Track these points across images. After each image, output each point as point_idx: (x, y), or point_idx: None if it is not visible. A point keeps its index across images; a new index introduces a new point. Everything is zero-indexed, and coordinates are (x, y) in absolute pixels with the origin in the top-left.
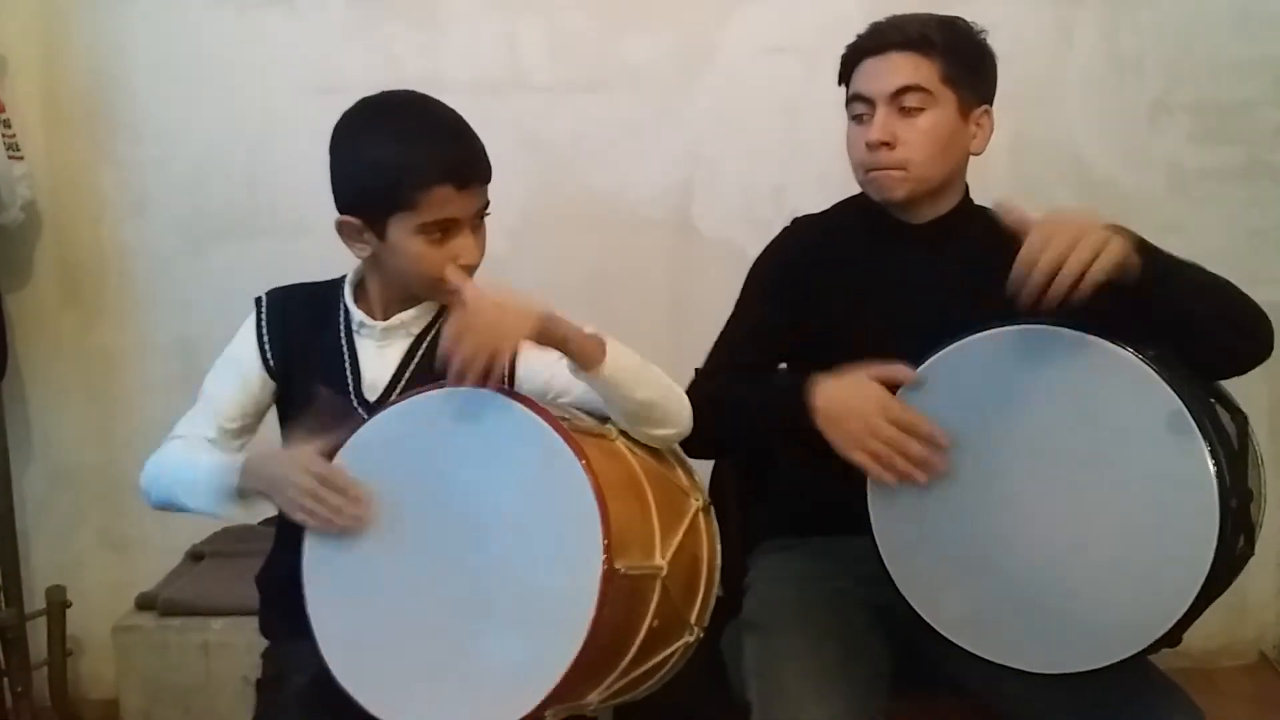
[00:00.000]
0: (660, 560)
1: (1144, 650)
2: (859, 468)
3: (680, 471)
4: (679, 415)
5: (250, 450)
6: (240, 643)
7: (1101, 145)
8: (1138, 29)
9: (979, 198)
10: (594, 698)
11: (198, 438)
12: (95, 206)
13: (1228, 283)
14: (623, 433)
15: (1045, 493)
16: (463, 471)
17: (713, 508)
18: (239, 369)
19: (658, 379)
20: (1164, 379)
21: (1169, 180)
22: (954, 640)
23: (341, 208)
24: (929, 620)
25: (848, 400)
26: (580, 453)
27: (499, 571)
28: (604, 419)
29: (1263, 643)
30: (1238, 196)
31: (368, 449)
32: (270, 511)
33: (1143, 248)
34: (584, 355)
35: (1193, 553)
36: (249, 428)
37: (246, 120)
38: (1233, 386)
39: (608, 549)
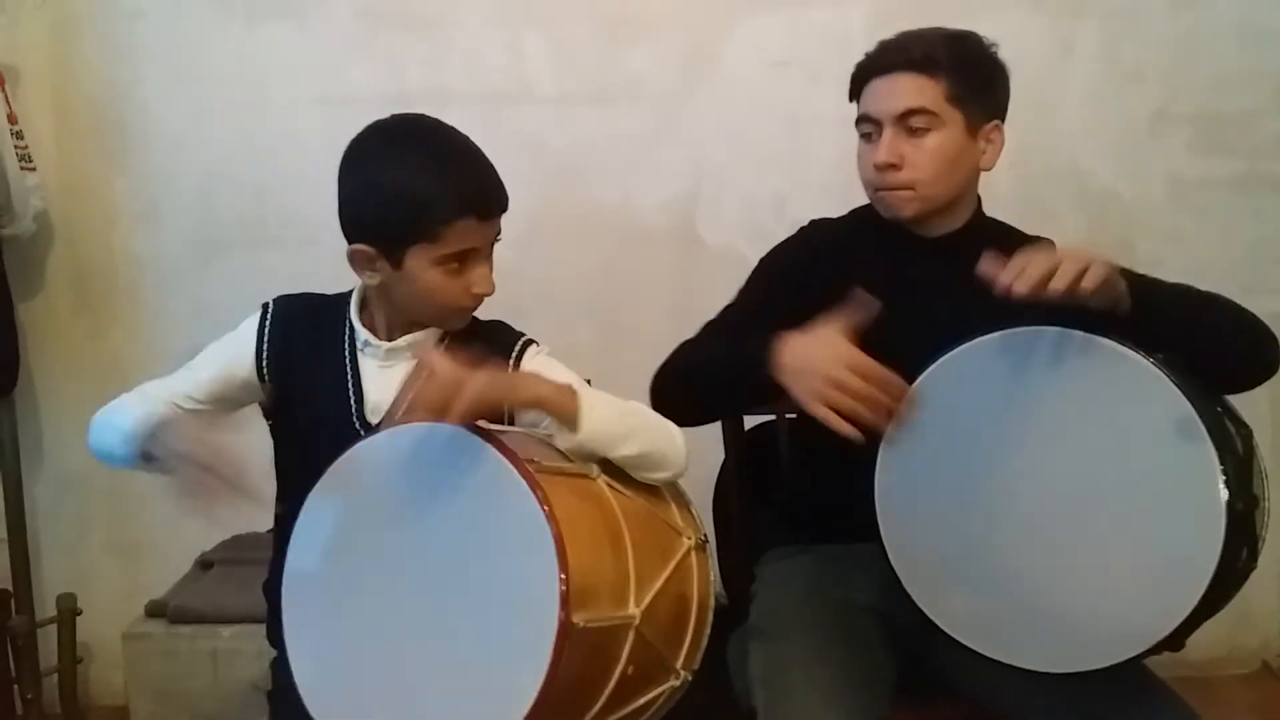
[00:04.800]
0: (633, 609)
1: (1146, 652)
2: (824, 423)
3: (674, 508)
4: (670, 461)
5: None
6: (249, 650)
7: (1102, 156)
8: (1137, 40)
9: (986, 210)
10: None
11: (154, 396)
12: (106, 217)
13: (1228, 302)
14: (608, 469)
15: (1051, 494)
16: (431, 511)
17: (710, 544)
18: (229, 358)
19: (644, 427)
20: (1173, 382)
21: (1169, 191)
22: (958, 638)
23: (353, 235)
24: (934, 619)
25: (810, 353)
26: (543, 499)
27: (460, 617)
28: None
29: (1266, 652)
30: (1237, 207)
31: (343, 482)
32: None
33: (1134, 281)
34: (563, 416)
35: (1198, 556)
36: (218, 412)
37: (255, 131)
38: (1234, 396)
39: (564, 602)
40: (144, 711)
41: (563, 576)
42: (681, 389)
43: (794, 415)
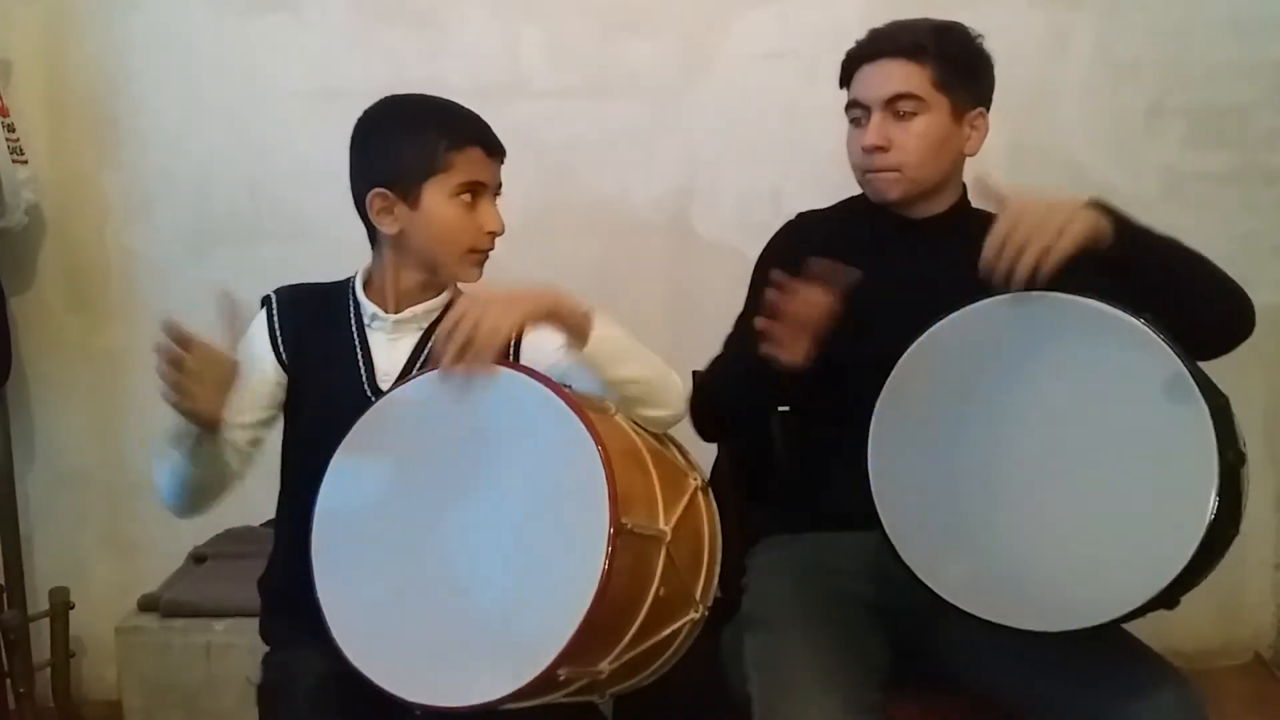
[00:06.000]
0: (664, 526)
1: (1144, 606)
2: (772, 359)
3: (677, 452)
4: (670, 396)
5: None
6: (242, 644)
7: (1097, 149)
8: (1133, 34)
9: (976, 202)
10: (605, 666)
11: None
12: (99, 210)
13: (1205, 257)
14: (621, 411)
15: (1044, 456)
16: (469, 442)
17: (711, 489)
18: (253, 363)
19: (647, 357)
20: (1161, 339)
21: (1164, 184)
22: (956, 604)
23: (369, 187)
24: (932, 586)
25: None
26: (585, 418)
27: (509, 536)
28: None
29: (1258, 643)
30: (1232, 200)
31: (375, 429)
32: (271, 513)
33: (1118, 219)
34: (577, 333)
35: (1192, 508)
36: (265, 423)
37: (249, 125)
38: (1233, 389)
39: (613, 503)
40: (137, 705)
41: (610, 478)
42: (713, 401)
43: (785, 409)
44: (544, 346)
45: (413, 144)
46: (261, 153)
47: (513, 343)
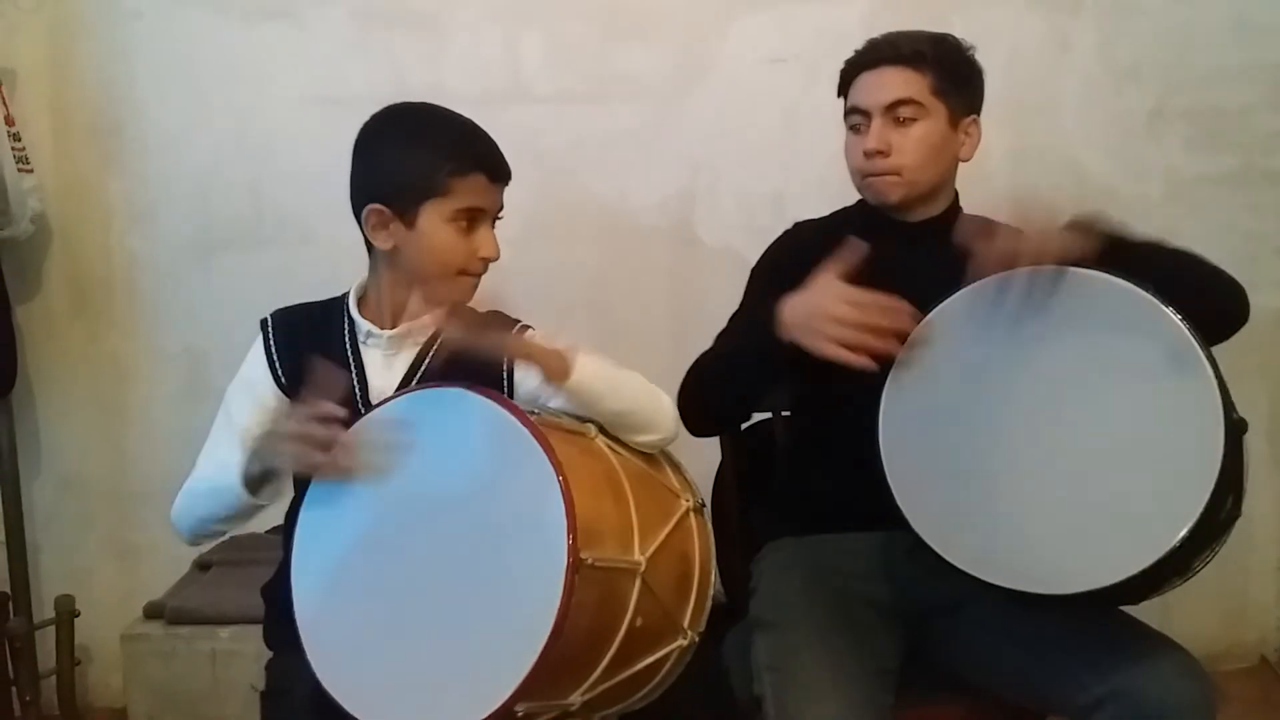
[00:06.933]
0: (638, 556)
1: (1155, 564)
2: (837, 361)
3: (670, 472)
4: (658, 421)
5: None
6: (247, 651)
7: (1099, 153)
8: (1134, 37)
9: (979, 205)
10: (576, 698)
11: (217, 464)
12: (103, 218)
13: (1199, 257)
14: (604, 432)
15: (1053, 424)
16: (434, 469)
17: (706, 509)
18: (254, 393)
19: (633, 388)
20: (1166, 306)
21: (1166, 187)
22: (972, 573)
23: (368, 201)
24: (947, 557)
25: (808, 301)
26: (546, 445)
27: (471, 567)
28: (587, 419)
29: (1264, 646)
30: (1235, 202)
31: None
32: (276, 520)
33: (1102, 236)
34: (550, 370)
35: (1200, 466)
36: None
37: (251, 131)
38: (1235, 392)
39: (572, 537)
40: (142, 713)
41: (569, 513)
42: (705, 390)
43: (788, 413)
44: (530, 375)
45: (414, 163)
46: (264, 159)
47: (505, 369)
